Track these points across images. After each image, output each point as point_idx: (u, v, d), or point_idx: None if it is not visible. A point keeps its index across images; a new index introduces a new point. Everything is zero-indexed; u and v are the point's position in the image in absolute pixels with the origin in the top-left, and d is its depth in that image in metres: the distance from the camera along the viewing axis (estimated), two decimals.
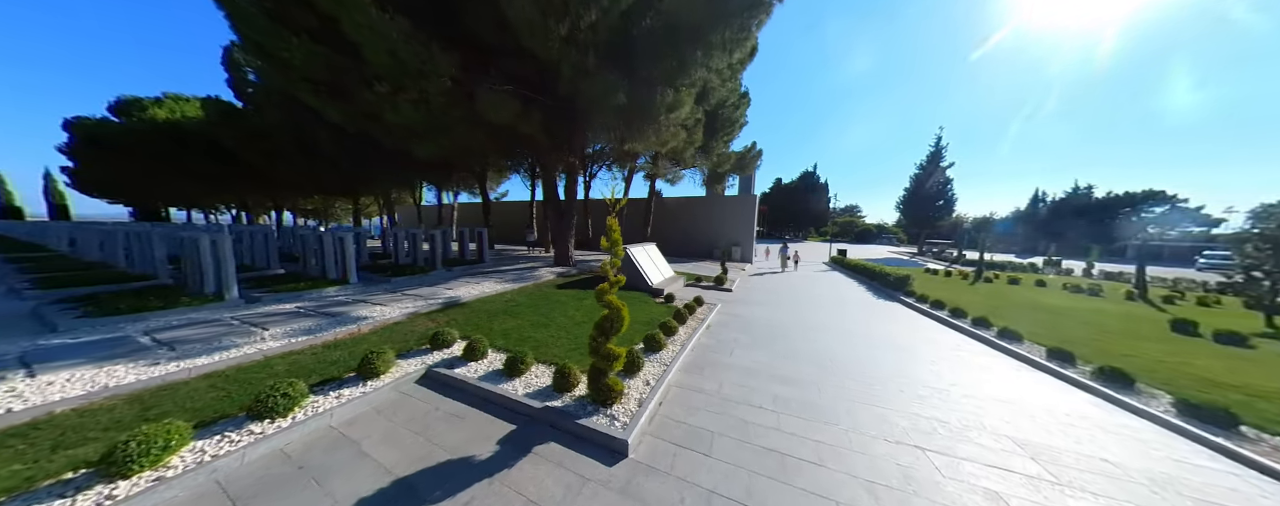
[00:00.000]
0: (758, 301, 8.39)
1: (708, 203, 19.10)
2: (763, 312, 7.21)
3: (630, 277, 8.98)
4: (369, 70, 5.38)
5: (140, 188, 25.13)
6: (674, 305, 7.18)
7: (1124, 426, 3.24)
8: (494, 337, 4.82)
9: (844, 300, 8.97)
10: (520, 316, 5.83)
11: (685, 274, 11.80)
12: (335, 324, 4.83)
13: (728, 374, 4.08)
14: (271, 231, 9.32)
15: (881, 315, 7.47)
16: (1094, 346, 5.37)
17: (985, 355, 5.17)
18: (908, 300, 8.71)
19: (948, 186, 29.86)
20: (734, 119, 13.31)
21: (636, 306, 7.03)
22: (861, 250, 38.11)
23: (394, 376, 3.62)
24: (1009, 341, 5.58)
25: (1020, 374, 4.51)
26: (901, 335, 5.96)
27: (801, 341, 5.38)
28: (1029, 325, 6.44)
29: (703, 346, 5.03)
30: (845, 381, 3.98)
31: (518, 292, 7.31)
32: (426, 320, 5.39)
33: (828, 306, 8.14)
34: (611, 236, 3.19)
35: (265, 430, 2.64)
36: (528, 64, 6.94)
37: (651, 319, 6.19)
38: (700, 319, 6.38)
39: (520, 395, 3.33)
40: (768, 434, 2.89)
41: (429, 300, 6.29)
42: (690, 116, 8.41)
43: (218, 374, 3.40)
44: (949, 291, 10.25)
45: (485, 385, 3.48)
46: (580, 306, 6.73)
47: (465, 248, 11.04)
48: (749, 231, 18.09)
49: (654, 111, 7.31)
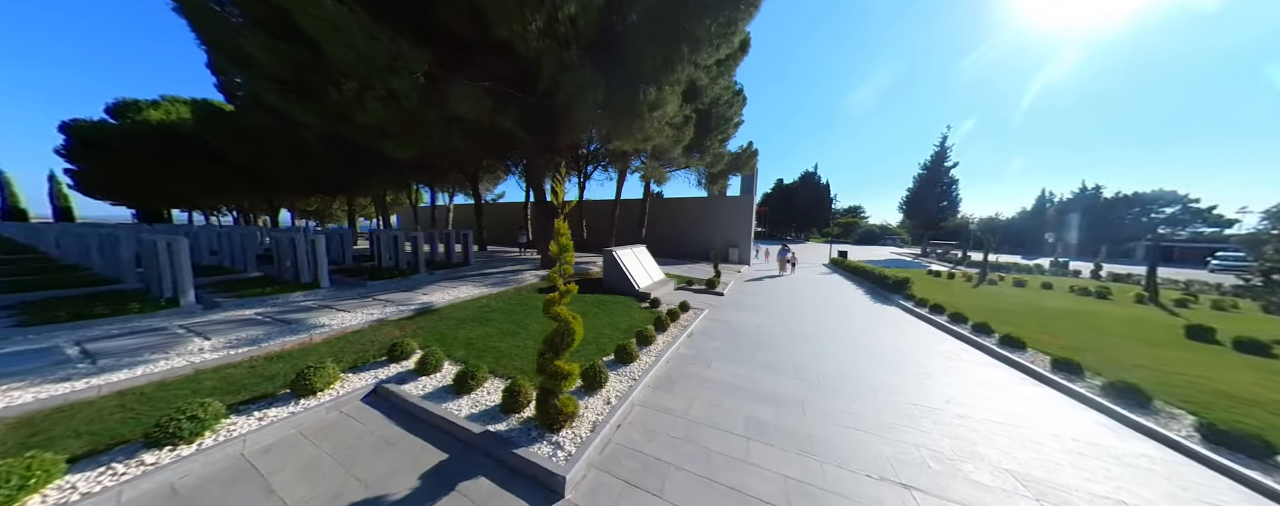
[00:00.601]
0: (749, 306, 8.03)
1: (704, 203, 18.76)
2: (751, 319, 6.87)
3: (616, 281, 8.67)
4: (334, 67, 5.13)
5: (139, 189, 25.18)
6: (658, 310, 6.85)
7: (1142, 457, 2.86)
8: (456, 348, 4.51)
9: (839, 305, 8.60)
10: (491, 324, 5.53)
11: (677, 277, 11.46)
12: (288, 332, 4.55)
13: (701, 390, 3.74)
14: (251, 233, 9.08)
15: (877, 321, 7.09)
16: (1103, 355, 4.97)
17: (985, 365, 4.79)
18: (906, 304, 8.32)
19: (952, 187, 29.38)
20: (728, 117, 12.96)
21: (619, 312, 6.71)
22: (864, 252, 37.58)
23: (334, 394, 3.31)
24: (1010, 350, 5.19)
25: (1022, 388, 4.13)
26: (896, 343, 5.59)
27: (787, 351, 5.03)
28: (1033, 331, 6.05)
29: (680, 357, 4.69)
30: (830, 399, 3.63)
31: (495, 297, 7.01)
32: (393, 328, 5.09)
33: (821, 311, 7.77)
34: (559, 240, 2.88)
35: (160, 460, 2.34)
36: (506, 61, 6.65)
37: (632, 325, 5.86)
38: (683, 325, 6.05)
39: (462, 417, 3.02)
40: (733, 467, 2.55)
41: (400, 306, 6.00)
42: (677, 114, 8.09)
43: (133, 391, 3.11)
44: (950, 294, 9.84)
45: (428, 404, 3.17)
46: None
47: (452, 250, 10.78)
48: (747, 232, 17.73)
49: (637, 109, 6.99)
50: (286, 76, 5.42)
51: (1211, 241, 31.16)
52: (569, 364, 3.04)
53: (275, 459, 2.54)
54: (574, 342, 3.00)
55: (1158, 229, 31.26)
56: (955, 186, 29.36)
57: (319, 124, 6.50)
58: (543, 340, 3.15)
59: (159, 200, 29.12)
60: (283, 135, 12.58)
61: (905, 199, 31.36)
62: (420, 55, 5.75)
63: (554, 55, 6.05)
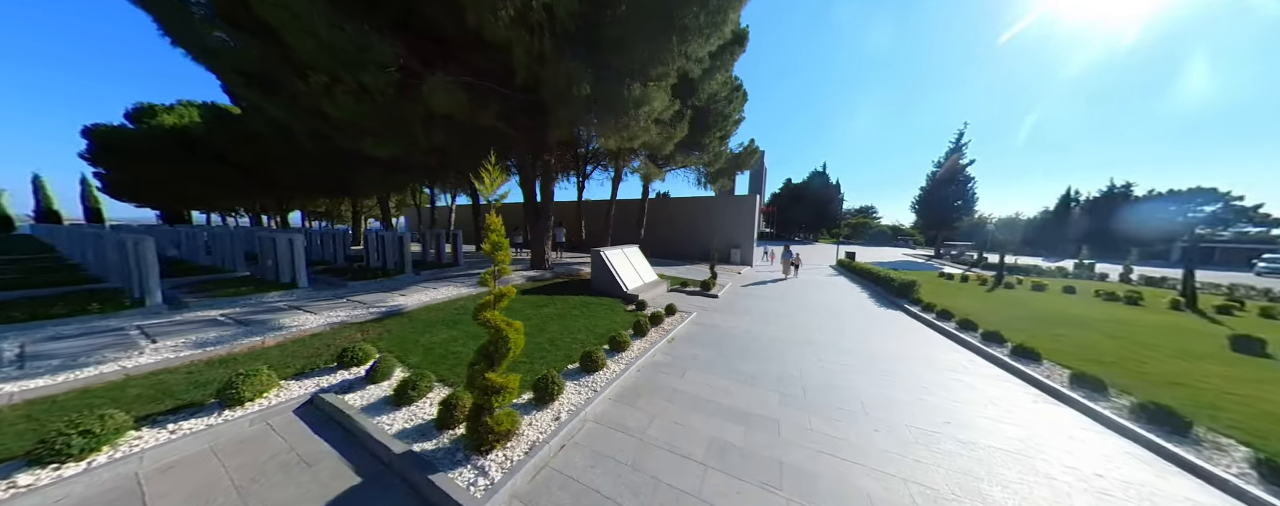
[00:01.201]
0: (742, 310, 7.61)
1: (706, 203, 18.31)
2: (742, 323, 6.45)
3: (603, 282, 8.35)
4: (299, 59, 4.97)
5: (158, 191, 26.08)
6: (642, 313, 6.51)
7: (1186, 502, 2.37)
8: (414, 353, 4.25)
9: (840, 308, 8.08)
10: (459, 327, 5.26)
11: (673, 278, 11.08)
12: (244, 335, 4.36)
13: (667, 404, 3.38)
14: (240, 233, 9.07)
15: (879, 327, 6.58)
16: (1133, 369, 4.41)
17: (994, 379, 4.28)
18: (912, 309, 7.76)
19: (968, 185, 28.12)
20: (726, 114, 12.51)
21: (601, 314, 6.38)
22: (874, 253, 36.45)
23: (265, 404, 3.07)
24: (1024, 361, 4.66)
25: (1037, 407, 3.63)
26: (896, 352, 5.11)
27: (774, 360, 4.61)
28: (1051, 340, 5.48)
29: (654, 365, 4.33)
30: (811, 418, 3.22)
31: (472, 299, 6.76)
32: (355, 331, 4.87)
33: (819, 316, 7.29)
34: (490, 237, 2.56)
35: (38, 480, 2.10)
36: (485, 54, 6.40)
37: (611, 329, 5.52)
38: (665, 330, 5.68)
39: (392, 433, 2.73)
40: (682, 502, 2.19)
41: (371, 307, 5.79)
42: (666, 110, 7.73)
43: (48, 399, 2.92)
44: (962, 299, 9.20)
45: (361, 418, 2.89)
46: (537, 313, 6.12)
47: (442, 250, 10.64)
48: (749, 233, 17.21)
49: (623, 105, 6.66)
50: (253, 69, 5.28)
51: (1258, 242, 29.09)
52: (508, 375, 2.72)
53: (170, 480, 2.29)
54: (512, 351, 2.68)
55: (1196, 228, 29.34)
56: (972, 185, 28.08)
57: (294, 121, 6.36)
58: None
59: (177, 202, 30.14)
60: (282, 136, 12.68)
61: (918, 198, 30.13)
62: (390, 47, 5.54)
63: (529, 46, 5.77)
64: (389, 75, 5.89)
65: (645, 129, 7.21)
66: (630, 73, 6.73)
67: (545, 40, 5.83)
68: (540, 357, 4.28)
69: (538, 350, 4.52)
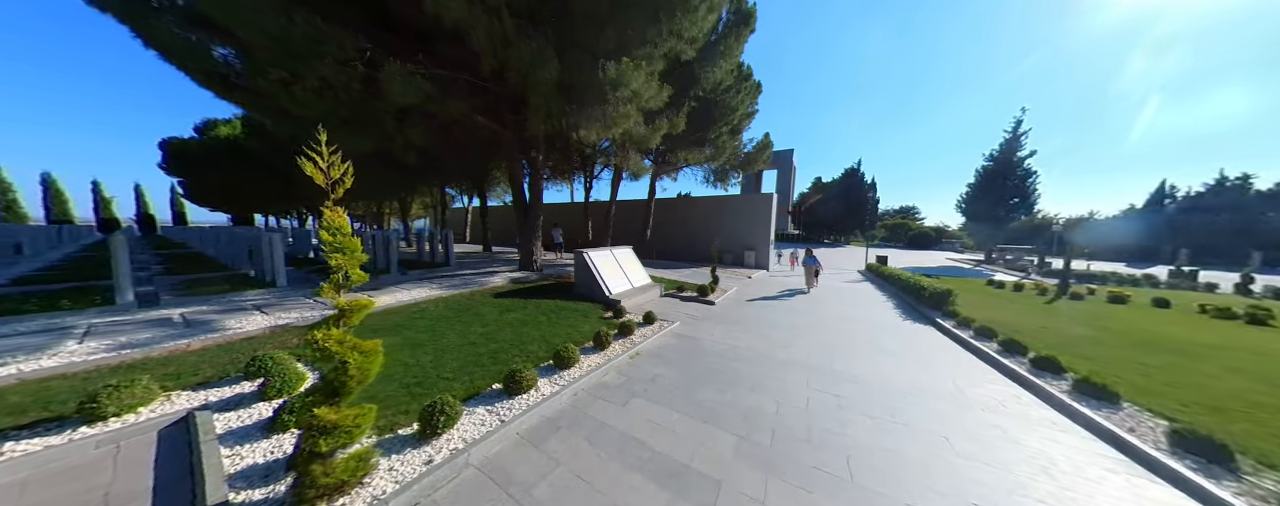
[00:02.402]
0: (737, 319, 6.70)
1: (718, 202, 17.25)
2: (729, 336, 5.57)
3: (585, 286, 7.75)
4: (256, 54, 4.85)
5: (224, 197, 29.09)
6: (617, 321, 5.85)
7: None
8: None
9: (855, 320, 6.92)
10: (407, 332, 4.87)
11: (672, 282, 10.27)
12: (180, 336, 4.18)
13: (584, 447, 2.68)
14: (244, 233, 9.39)
15: (899, 345, 5.44)
16: (1274, 426, 3.10)
17: (1050, 428, 3.17)
18: (945, 324, 6.45)
19: (1028, 180, 24.67)
20: (733, 106, 11.52)
21: (571, 322, 5.78)
22: (912, 257, 33.25)
23: (131, 421, 2.74)
24: (1094, 402, 3.46)
25: (1117, 480, 2.54)
26: (916, 380, 4.05)
27: (748, 387, 3.76)
28: (1136, 372, 4.15)
29: (597, 388, 3.64)
30: (768, 483, 2.39)
31: (440, 301, 6.41)
32: (293, 335, 4.60)
33: (827, 328, 6.22)
34: (337, 239, 2.02)
35: None
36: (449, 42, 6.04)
37: (573, 340, 4.91)
38: (633, 342, 4.97)
39: (231, 470, 2.26)
40: None
41: (326, 310, 5.55)
42: (652, 96, 7.01)
43: None
44: (1012, 312, 7.66)
45: (210, 447, 2.46)
46: (499, 320, 5.63)
47: (435, 250, 10.56)
48: (765, 234, 15.95)
49: (598, 88, 6.05)
50: (216, 68, 5.26)
51: None
52: (358, 409, 2.16)
53: None
54: (359, 379, 2.12)
55: None
56: (1033, 180, 24.56)
57: (264, 118, 6.35)
58: (445, 353, 2.38)
59: (237, 206, 33.49)
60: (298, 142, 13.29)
61: (965, 196, 26.87)
62: (349, 38, 5.29)
63: (489, 28, 5.30)
64: (352, 68, 5.66)
65: (625, 116, 6.54)
66: (605, 53, 6.10)
67: (505, 21, 5.34)
68: (465, 374, 3.73)
69: (472, 364, 3.98)
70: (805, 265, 10.26)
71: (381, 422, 2.83)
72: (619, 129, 6.68)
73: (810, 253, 10.52)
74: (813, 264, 10.12)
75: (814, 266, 10.10)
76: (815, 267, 10.09)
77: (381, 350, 2.28)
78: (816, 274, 10.09)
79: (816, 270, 10.06)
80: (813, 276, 10.04)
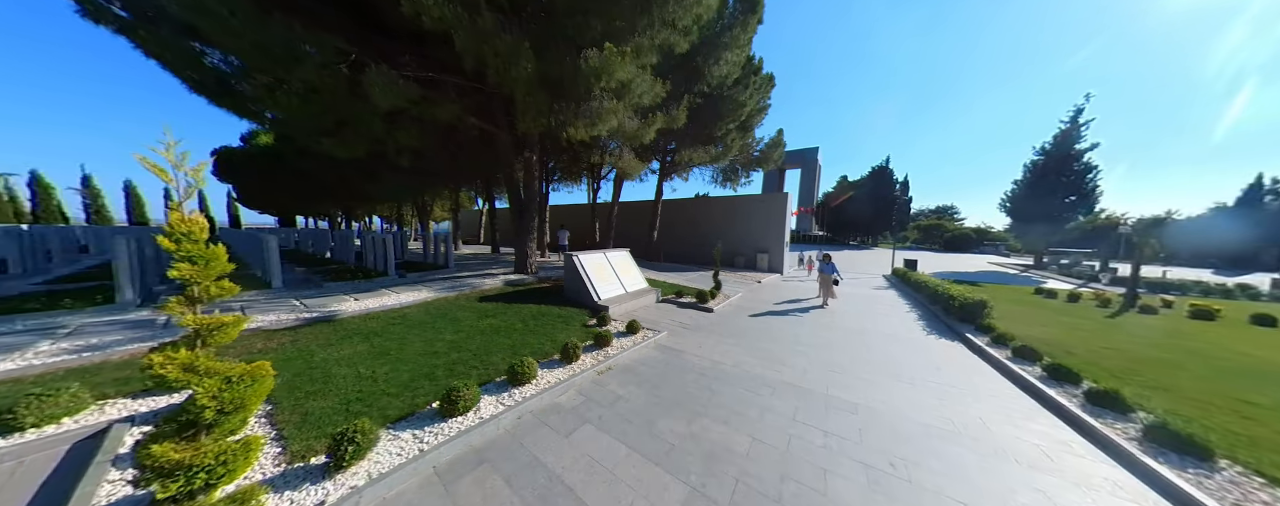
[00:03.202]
0: (732, 330, 6.11)
1: (730, 203, 16.50)
2: (718, 351, 5.02)
3: (575, 291, 7.41)
4: (238, 59, 4.88)
5: (269, 201, 31.43)
6: (599, 329, 5.49)
7: None
8: (291, 370, 3.69)
9: (871, 334, 6.13)
10: (378, 340, 4.68)
11: (671, 286, 9.76)
12: (144, 339, 4.18)
13: (500, 491, 2.28)
14: (255, 236, 9.74)
15: (920, 367, 4.67)
16: None
17: (1110, 497, 2.42)
18: (978, 341, 5.56)
19: (1088, 176, 21.97)
20: (741, 101, 10.82)
21: (549, 329, 5.46)
22: (950, 261, 30.84)
23: (47, 433, 2.62)
24: (1175, 459, 2.66)
25: None
26: (934, 414, 3.35)
27: (721, 416, 3.23)
28: (1234, 415, 3.26)
29: (546, 412, 3.24)
30: None
31: (421, 306, 6.25)
32: (260, 340, 4.52)
33: (833, 344, 5.51)
34: (184, 247, 1.74)
35: None
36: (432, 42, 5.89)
37: (538, 349, 4.56)
38: (607, 355, 4.55)
39: (103, 499, 2.03)
40: None
41: (310, 312, 5.52)
42: (647, 91, 6.55)
43: None
44: (1064, 328, 6.57)
45: (96, 468, 2.26)
46: (473, 326, 5.37)
47: (436, 251, 10.61)
48: (779, 236, 15.06)
49: (581, 81, 5.68)
50: (201, 75, 5.35)
51: None
52: (224, 444, 1.86)
53: None
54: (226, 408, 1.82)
55: None
56: (1094, 176, 21.79)
57: (252, 120, 6.45)
58: (401, 365, 2.07)
59: (279, 209, 36.10)
60: None
61: (1011, 194, 24.31)
62: (327, 41, 5.22)
63: (470, 25, 5.06)
64: (335, 72, 5.61)
65: (612, 110, 6.13)
66: (593, 45, 5.72)
67: (484, 16, 5.08)
68: (411, 390, 3.43)
69: (425, 377, 3.70)
70: (822, 272, 8.51)
71: (299, 448, 2.56)
72: (607, 124, 6.28)
73: (828, 258, 8.77)
74: (830, 272, 8.37)
75: (831, 275, 8.35)
76: (834, 276, 8.34)
77: (270, 372, 1.98)
78: (835, 284, 8.40)
79: (836, 279, 8.37)
80: (830, 287, 8.35)
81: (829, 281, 8.35)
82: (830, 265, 8.52)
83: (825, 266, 8.52)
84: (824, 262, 8.65)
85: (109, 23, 4.44)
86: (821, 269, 8.57)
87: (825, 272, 8.44)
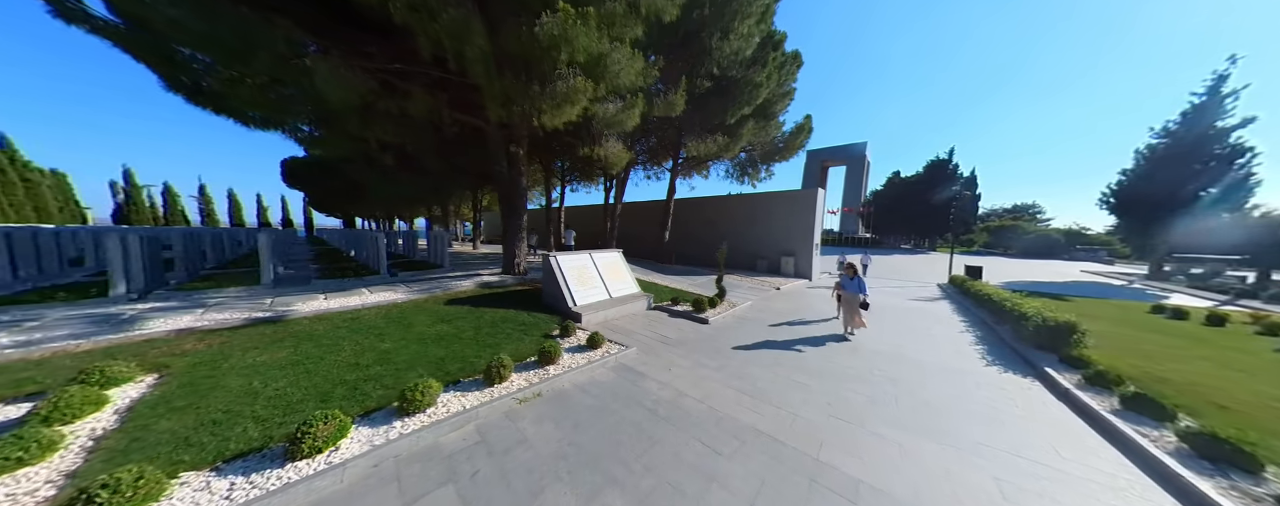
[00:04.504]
0: (718, 349, 5.03)
1: (751, 201, 15.01)
2: (688, 376, 4.01)
3: (551, 295, 6.72)
4: (187, 50, 4.82)
5: (331, 205, 35.12)
6: (559, 341, 4.73)
7: None
8: (194, 374, 3.36)
9: (906, 363, 4.70)
10: (307, 345, 4.30)
11: (673, 291, 8.75)
12: (88, 335, 4.11)
13: None
14: (270, 233, 10.16)
15: (971, 418, 3.30)
16: None
17: None
18: (1064, 382, 3.94)
19: (1239, 162, 16.89)
20: (756, 83, 9.49)
21: (502, 338, 4.87)
22: (1028, 268, 26.23)
23: None
24: None
25: None
26: (988, 496, 2.12)
27: (643, 487, 2.28)
28: None
29: (422, 454, 2.52)
30: None
31: (382, 308, 5.89)
32: (195, 340, 4.31)
33: (851, 375, 4.23)
34: None
35: None
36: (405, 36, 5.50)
37: (471, 365, 3.88)
38: (548, 374, 3.76)
39: None
40: None
41: (273, 310, 5.35)
42: (626, 67, 5.66)
43: None
44: (1208, 365, 4.61)
45: None
46: (422, 333, 4.85)
47: (435, 250, 10.56)
48: (807, 237, 13.34)
49: (541, 54, 4.97)
50: (169, 70, 5.42)
51: None
52: None
53: None
54: None
55: None
56: (1248, 161, 16.58)
57: (230, 117, 6.51)
58: (301, 377, 1.61)
59: (340, 212, 40.15)
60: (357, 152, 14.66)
61: (1116, 187, 19.70)
62: (279, 31, 5.00)
63: (414, 2, 4.57)
64: (299, 64, 5.42)
65: (580, 91, 5.33)
66: (546, 8, 4.98)
67: None
68: (286, 415, 2.88)
69: (317, 396, 3.17)
70: (842, 290, 5.86)
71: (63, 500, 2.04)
72: (575, 106, 5.51)
73: (852, 270, 6.02)
74: (854, 291, 5.67)
75: (857, 295, 5.64)
76: (860, 298, 5.66)
77: None
78: (863, 306, 5.70)
79: (863, 301, 5.66)
80: (855, 312, 5.66)
81: (854, 304, 5.62)
82: (856, 281, 5.74)
83: (848, 282, 5.77)
84: (845, 275, 5.90)
85: (81, 23, 4.53)
86: (842, 285, 5.83)
87: (848, 291, 5.72)
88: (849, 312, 5.81)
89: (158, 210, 48.70)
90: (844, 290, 5.89)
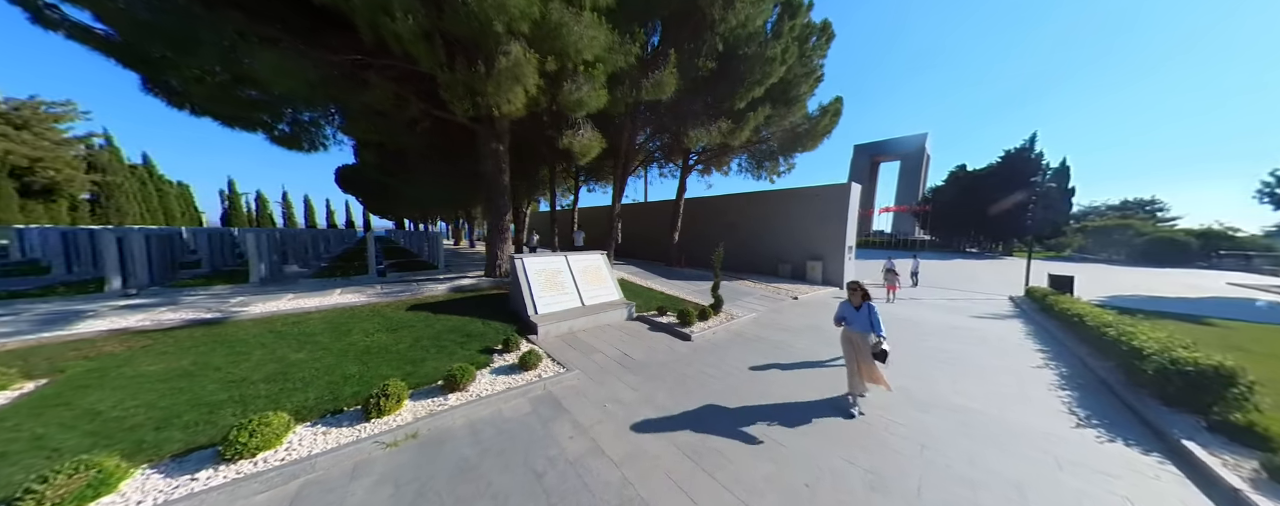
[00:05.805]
0: (686, 379, 3.98)
1: (773, 198, 13.41)
2: (622, 421, 3.07)
3: (516, 301, 6.06)
4: (133, 38, 4.79)
5: (382, 208, 38.36)
6: (463, 364, 4.00)
7: None
8: (45, 397, 3.07)
9: (948, 414, 3.30)
10: (219, 353, 3.98)
11: (667, 297, 7.73)
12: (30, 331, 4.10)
13: None
14: (274, 233, 10.45)
15: None
16: None
17: None
18: (1214, 467, 2.39)
19: None
20: (769, 58, 8.14)
21: (439, 353, 4.23)
22: (1144, 279, 21.45)
23: None
24: None
25: None
26: None
27: None
28: None
29: None
30: None
31: (331, 313, 5.52)
32: (120, 343, 4.14)
33: (862, 438, 2.99)
34: None
35: None
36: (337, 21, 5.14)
37: (361, 389, 3.25)
38: (446, 404, 3.04)
39: None
40: None
41: (206, 313, 5.05)
42: (582, 39, 4.79)
43: None
44: None
45: None
46: (356, 343, 4.37)
47: (435, 251, 10.47)
48: (838, 240, 11.54)
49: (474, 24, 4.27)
50: (145, 71, 5.52)
51: None
52: None
53: None
54: None
55: None
56: None
57: (230, 122, 6.62)
58: (184, 394, 1.28)
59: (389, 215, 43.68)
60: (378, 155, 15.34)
61: None
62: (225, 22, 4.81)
63: None
64: (244, 52, 5.23)
65: (519, 65, 4.53)
66: None
67: None
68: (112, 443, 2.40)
69: (162, 422, 2.69)
70: (845, 329, 3.49)
71: None
72: (523, 85, 4.76)
73: (865, 295, 3.44)
74: (862, 329, 3.36)
75: (867, 335, 3.35)
76: (872, 340, 3.28)
77: None
78: (878, 357, 3.18)
79: (881, 348, 3.17)
80: (867, 365, 3.29)
81: (865, 350, 3.32)
82: (863, 311, 3.38)
83: (853, 313, 3.43)
84: (845, 306, 3.51)
85: (57, 28, 4.65)
86: (846, 320, 3.48)
87: (853, 328, 3.42)
88: (859, 364, 3.35)
89: (252, 213, 56.59)
90: (848, 326, 3.46)
